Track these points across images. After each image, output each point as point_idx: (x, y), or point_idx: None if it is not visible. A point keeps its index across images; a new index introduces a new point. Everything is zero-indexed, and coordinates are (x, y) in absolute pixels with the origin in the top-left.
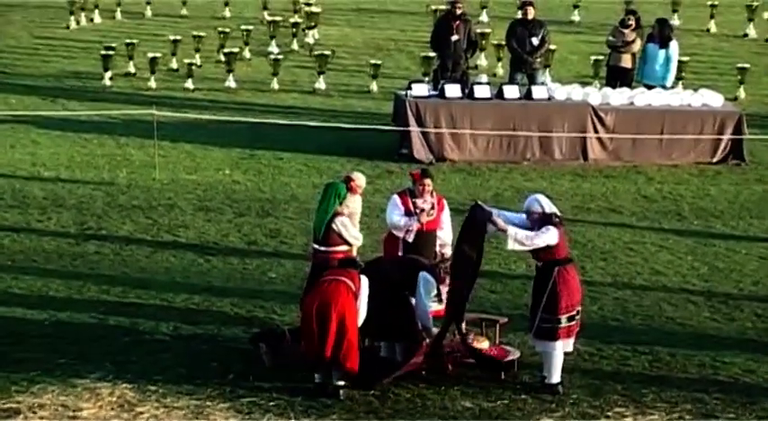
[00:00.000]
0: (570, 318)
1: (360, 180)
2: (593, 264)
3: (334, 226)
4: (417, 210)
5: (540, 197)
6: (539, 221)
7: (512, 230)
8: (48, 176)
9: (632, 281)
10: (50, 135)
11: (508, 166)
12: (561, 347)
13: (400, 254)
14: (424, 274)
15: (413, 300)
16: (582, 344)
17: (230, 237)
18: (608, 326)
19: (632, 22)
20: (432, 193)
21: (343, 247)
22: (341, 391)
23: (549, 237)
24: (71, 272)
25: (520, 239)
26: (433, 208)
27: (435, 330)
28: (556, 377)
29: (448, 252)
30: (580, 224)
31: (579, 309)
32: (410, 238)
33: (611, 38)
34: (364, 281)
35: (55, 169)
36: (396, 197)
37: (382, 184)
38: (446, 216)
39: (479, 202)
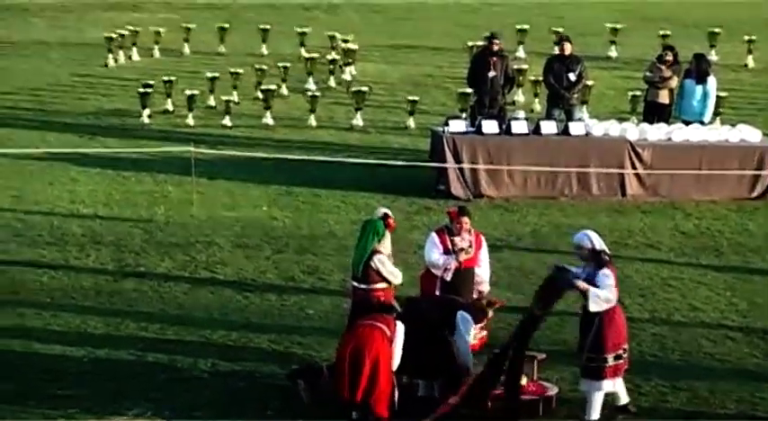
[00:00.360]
0: (617, 357)
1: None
2: (631, 300)
3: (372, 264)
4: (456, 249)
5: (590, 233)
6: (588, 259)
7: (592, 292)
8: (86, 213)
9: (670, 317)
10: (89, 172)
11: (546, 202)
12: (607, 386)
13: (438, 291)
14: (462, 314)
15: (451, 339)
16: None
17: (268, 273)
18: (646, 362)
19: (670, 58)
20: (470, 231)
21: (382, 285)
22: None
23: (612, 282)
24: (109, 309)
25: (603, 299)
26: (471, 246)
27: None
28: (595, 415)
29: (485, 289)
30: (618, 260)
31: (626, 347)
32: (448, 277)
33: (648, 73)
34: (400, 327)
35: (93, 206)
36: (434, 235)
37: (419, 221)
38: (484, 253)
39: (562, 266)
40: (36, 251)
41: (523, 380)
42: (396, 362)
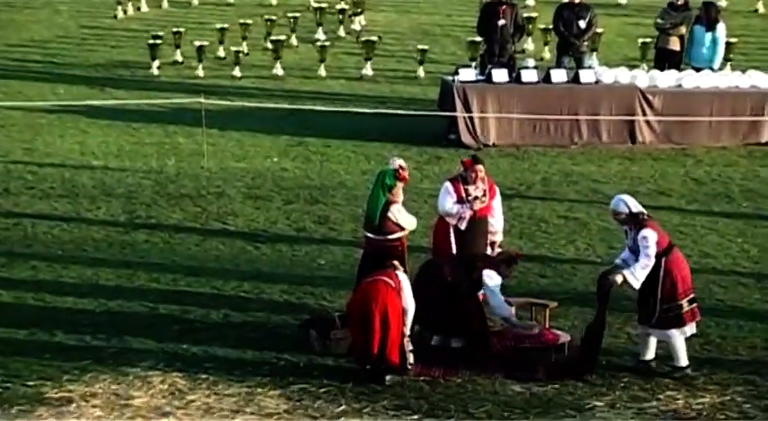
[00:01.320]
0: (691, 301)
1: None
2: None
3: (390, 214)
4: (470, 198)
5: (625, 197)
6: (627, 222)
7: (626, 273)
8: (97, 165)
9: None
10: (99, 124)
11: (556, 150)
12: (689, 330)
13: (452, 240)
14: (487, 272)
15: (474, 298)
16: (632, 327)
17: (279, 224)
18: None
19: (682, 2)
20: (483, 180)
21: (398, 234)
22: (387, 378)
23: (651, 243)
24: (121, 260)
25: (639, 274)
26: (485, 194)
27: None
28: (684, 360)
29: (499, 239)
30: None
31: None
32: (462, 226)
33: (659, 20)
34: (403, 276)
35: (104, 158)
36: (448, 184)
37: (430, 170)
38: (497, 203)
39: (604, 274)
40: (48, 203)
41: (536, 328)
42: (410, 313)
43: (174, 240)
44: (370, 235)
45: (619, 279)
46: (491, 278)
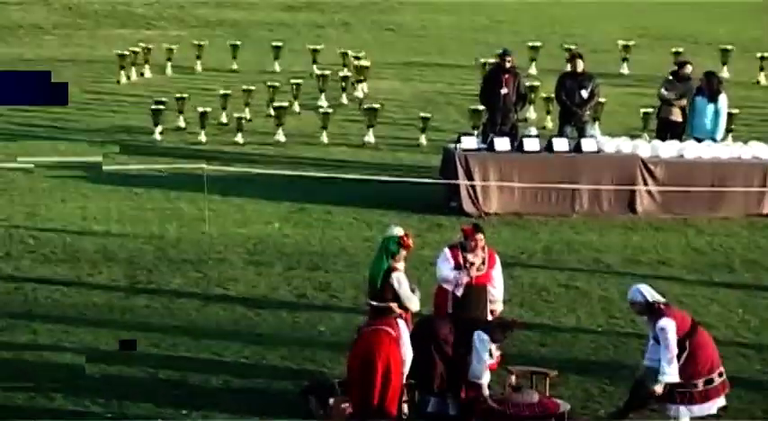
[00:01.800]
0: (707, 382)
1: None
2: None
3: (391, 280)
4: (467, 264)
5: (641, 286)
6: (644, 312)
7: (661, 380)
8: (98, 230)
9: None
10: (101, 189)
11: (558, 219)
12: (699, 411)
13: (450, 307)
14: (478, 333)
15: (468, 359)
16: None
17: (280, 290)
18: None
19: (689, 70)
20: (483, 248)
21: (396, 304)
22: None
23: (670, 334)
24: (121, 325)
25: (670, 372)
26: (483, 262)
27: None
28: None
29: (498, 308)
30: (630, 277)
31: (720, 370)
32: (459, 292)
33: (663, 91)
34: (402, 324)
35: (105, 223)
36: (447, 250)
37: (431, 238)
38: (497, 272)
39: (639, 381)
40: (49, 267)
41: (536, 397)
42: (407, 363)
43: (174, 305)
44: (373, 303)
45: (659, 389)
46: (481, 339)
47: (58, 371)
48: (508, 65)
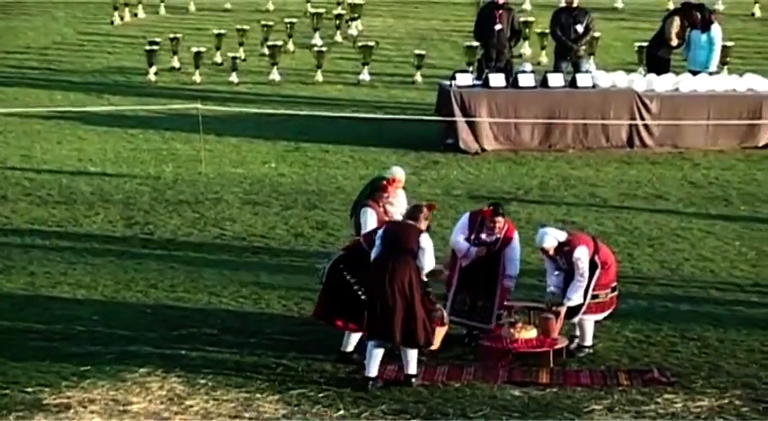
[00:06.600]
0: (613, 289)
1: (398, 174)
2: (640, 251)
3: (360, 213)
4: (477, 242)
5: (550, 230)
6: (557, 251)
7: (567, 304)
8: (94, 172)
9: (680, 267)
10: (96, 131)
11: (553, 155)
12: (600, 317)
13: (456, 274)
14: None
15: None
16: (630, 330)
17: (277, 229)
18: (656, 313)
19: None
20: (501, 230)
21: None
22: (413, 380)
23: (585, 260)
24: (119, 267)
25: (577, 295)
26: (496, 242)
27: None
28: (590, 340)
29: (508, 284)
30: (626, 211)
31: (615, 283)
32: (464, 263)
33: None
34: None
35: (101, 164)
36: (466, 218)
37: (428, 175)
38: (512, 249)
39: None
40: (45, 209)
41: (533, 333)
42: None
43: (171, 246)
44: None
45: (563, 310)
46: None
47: (56, 313)
48: (502, 1)
